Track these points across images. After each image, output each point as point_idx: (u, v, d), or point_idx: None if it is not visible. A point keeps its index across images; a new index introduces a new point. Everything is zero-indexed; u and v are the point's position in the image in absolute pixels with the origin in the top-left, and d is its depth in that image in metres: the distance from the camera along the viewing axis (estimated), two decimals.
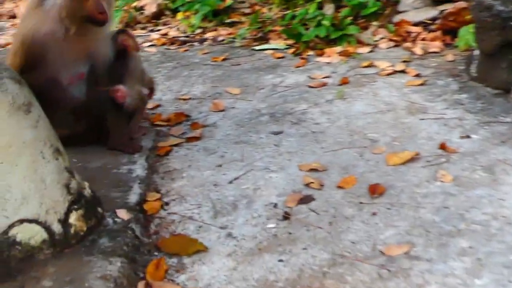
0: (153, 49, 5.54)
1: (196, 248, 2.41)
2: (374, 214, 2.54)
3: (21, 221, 2.18)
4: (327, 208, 2.62)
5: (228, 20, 6.01)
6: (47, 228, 2.23)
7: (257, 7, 5.83)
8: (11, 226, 2.17)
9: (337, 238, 2.39)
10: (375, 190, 2.70)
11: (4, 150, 2.16)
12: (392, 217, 2.51)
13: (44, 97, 3.06)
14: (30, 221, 2.20)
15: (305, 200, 2.70)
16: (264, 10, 5.88)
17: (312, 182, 2.82)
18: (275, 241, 2.42)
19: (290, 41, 5.15)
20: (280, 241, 2.42)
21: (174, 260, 2.37)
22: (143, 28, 6.43)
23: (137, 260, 2.34)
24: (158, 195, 2.84)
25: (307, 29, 5.07)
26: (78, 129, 3.30)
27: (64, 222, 2.28)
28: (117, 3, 6.59)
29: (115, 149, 3.25)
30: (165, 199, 2.82)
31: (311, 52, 4.90)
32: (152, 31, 6.29)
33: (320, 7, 5.25)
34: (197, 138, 3.44)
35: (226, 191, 2.85)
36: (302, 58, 4.75)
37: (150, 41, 5.85)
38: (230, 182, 2.92)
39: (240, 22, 5.87)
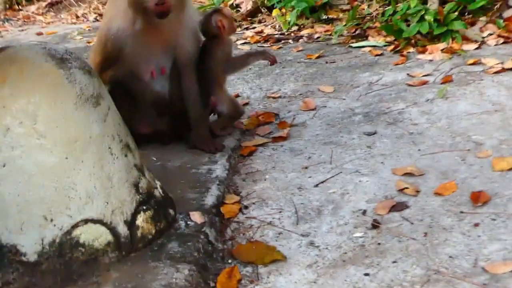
0: (246, 47, 5.37)
1: (274, 257, 2.19)
2: (476, 225, 2.22)
3: (85, 221, 2.04)
4: (423, 217, 2.33)
5: (325, 17, 5.76)
6: (112, 229, 2.07)
7: (356, 3, 5.53)
8: (75, 226, 2.02)
9: (432, 251, 2.10)
10: (478, 198, 2.37)
11: (69, 145, 2.02)
12: (498, 229, 2.18)
13: (126, 92, 2.97)
14: (94, 221, 2.05)
15: (398, 207, 2.42)
16: (364, 6, 5.58)
17: (406, 188, 2.53)
18: (361, 252, 2.16)
19: (390, 38, 4.84)
20: (368, 252, 2.15)
21: (248, 269, 2.16)
22: (238, 26, 6.28)
23: (208, 267, 2.14)
24: (237, 198, 2.64)
25: (408, 25, 4.73)
26: (161, 126, 3.17)
27: (130, 223, 2.12)
28: (213, 2, 6.49)
29: (196, 147, 3.08)
30: (245, 202, 2.62)
31: (412, 49, 4.56)
32: (247, 29, 6.14)
33: (423, 1, 4.89)
34: (283, 138, 3.22)
35: (311, 195, 2.61)
36: (402, 55, 4.43)
37: (244, 38, 5.69)
38: (316, 186, 2.68)
39: (338, 19, 5.60)
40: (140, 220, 2.14)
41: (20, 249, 2.00)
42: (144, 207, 2.17)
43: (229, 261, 2.22)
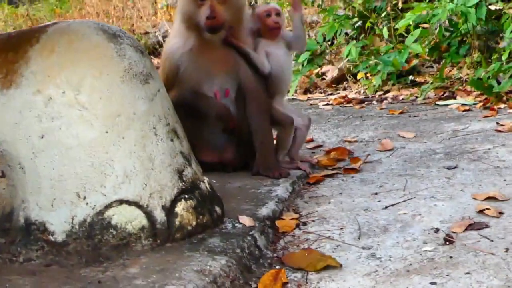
0: (328, 107, 5.21)
1: (327, 263, 1.91)
2: None
3: (120, 202, 1.86)
4: (505, 235, 2.01)
5: (411, 79, 5.55)
6: (148, 213, 1.88)
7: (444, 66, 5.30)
8: (108, 206, 1.85)
9: None
10: None
11: (111, 119, 1.88)
12: None
13: (190, 112, 2.83)
14: (130, 202, 1.87)
15: (477, 226, 2.11)
16: (453, 72, 5.34)
17: (487, 209, 2.22)
18: (430, 264, 1.86)
19: (480, 98, 4.55)
20: (437, 264, 1.85)
21: (297, 275, 1.90)
22: (322, 92, 6.16)
23: (252, 269, 1.91)
24: (296, 215, 2.41)
25: (499, 82, 4.44)
26: (225, 155, 2.99)
27: (169, 210, 1.92)
28: (299, 69, 6.42)
29: (260, 174, 2.88)
30: (303, 220, 2.37)
31: (502, 105, 4.25)
32: (331, 94, 6.00)
33: None
34: (355, 170, 2.97)
35: (378, 215, 2.33)
36: (492, 109, 4.13)
37: (327, 101, 5.53)
38: (385, 208, 2.41)
39: (425, 83, 5.37)
40: (180, 208, 1.94)
41: (48, 227, 1.85)
42: (186, 196, 1.97)
43: (277, 267, 1.96)
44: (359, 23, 6.71)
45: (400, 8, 6.51)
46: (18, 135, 1.88)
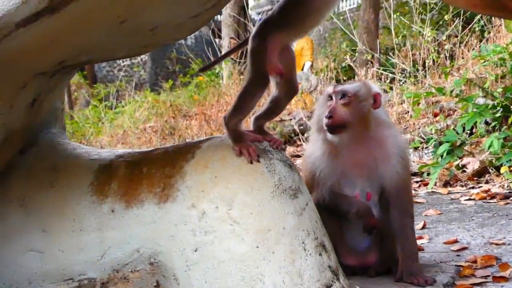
0: (470, 202, 5.03)
1: None
2: None
3: None
4: None
5: None
6: None
7: None
8: None
9: None
10: None
11: (262, 234, 1.94)
12: None
13: (331, 214, 2.85)
14: None
15: None
16: None
17: None
18: None
19: None
20: None
21: None
22: (463, 186, 5.97)
23: None
24: None
25: None
26: (368, 259, 2.96)
27: None
28: (438, 161, 6.30)
29: (403, 280, 2.80)
30: None
31: None
32: (472, 188, 5.80)
33: None
34: (505, 279, 2.82)
35: None
36: None
37: (469, 195, 5.35)
38: None
39: None
40: None
41: None
42: None
43: None
44: (500, 111, 6.52)
45: None
46: (174, 247, 1.97)
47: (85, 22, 1.75)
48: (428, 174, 6.19)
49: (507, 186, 5.50)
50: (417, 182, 6.25)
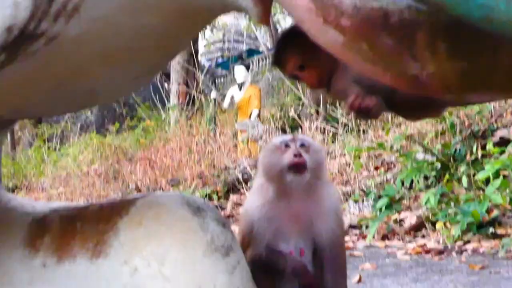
0: (406, 257, 5.15)
1: None
2: None
3: None
4: None
5: (492, 231, 5.43)
6: None
7: None
8: None
9: None
10: None
11: None
12: None
13: (265, 270, 2.88)
14: None
15: None
16: None
17: None
18: None
19: None
20: None
21: None
22: (400, 240, 6.10)
23: None
24: None
25: None
26: None
27: None
28: (377, 215, 6.43)
29: None
30: None
31: None
32: (409, 242, 5.93)
33: None
34: None
35: None
36: None
37: (406, 250, 5.47)
38: None
39: (507, 235, 5.25)
40: None
41: None
42: None
43: None
44: (438, 166, 6.73)
45: (480, 155, 6.53)
46: None
47: (21, 84, 1.77)
48: (367, 227, 6.31)
49: (442, 241, 5.65)
50: (356, 235, 6.36)
